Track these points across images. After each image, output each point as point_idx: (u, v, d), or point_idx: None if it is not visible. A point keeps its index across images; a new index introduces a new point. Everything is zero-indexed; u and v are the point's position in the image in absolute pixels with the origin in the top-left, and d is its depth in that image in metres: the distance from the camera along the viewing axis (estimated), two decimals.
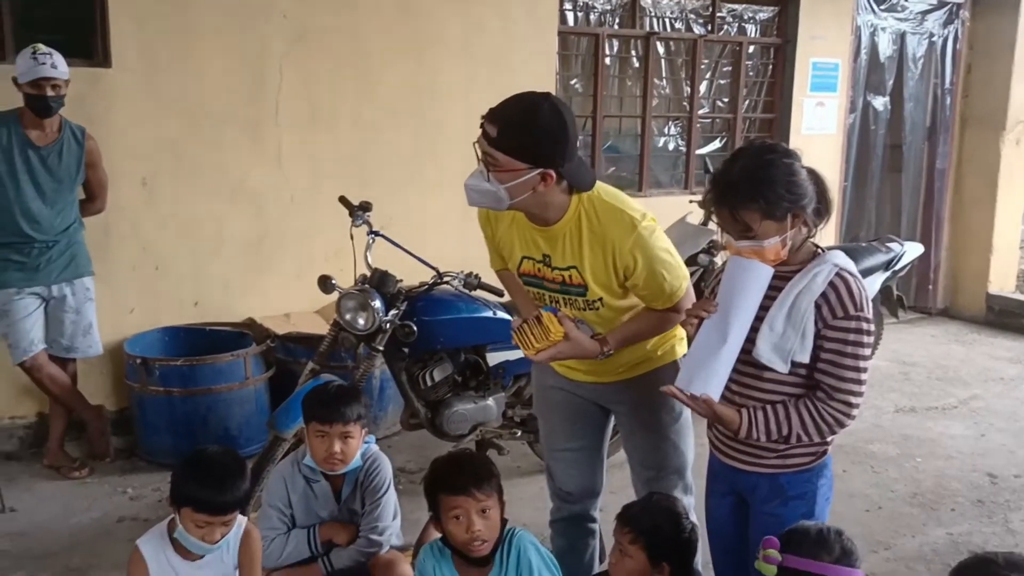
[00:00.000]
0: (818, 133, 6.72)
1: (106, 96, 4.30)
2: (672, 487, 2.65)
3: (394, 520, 2.96)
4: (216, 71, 4.55)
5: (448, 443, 3.97)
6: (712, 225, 4.68)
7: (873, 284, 5.18)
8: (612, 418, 2.77)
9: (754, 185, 2.01)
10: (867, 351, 2.05)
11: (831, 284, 2.03)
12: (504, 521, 2.49)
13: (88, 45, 4.31)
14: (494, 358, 3.88)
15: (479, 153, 2.23)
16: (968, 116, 7.38)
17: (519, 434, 4.04)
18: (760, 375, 2.10)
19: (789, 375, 2.08)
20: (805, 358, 2.04)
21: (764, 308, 2.07)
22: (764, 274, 2.05)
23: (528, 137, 2.16)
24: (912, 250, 5.42)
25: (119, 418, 4.47)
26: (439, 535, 2.60)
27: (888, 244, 5.34)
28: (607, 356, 2.39)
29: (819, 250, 2.14)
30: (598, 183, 2.38)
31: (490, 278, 3.70)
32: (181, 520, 2.33)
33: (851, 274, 2.07)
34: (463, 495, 2.34)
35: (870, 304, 2.07)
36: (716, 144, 6.57)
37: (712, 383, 2.08)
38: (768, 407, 2.09)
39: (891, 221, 7.33)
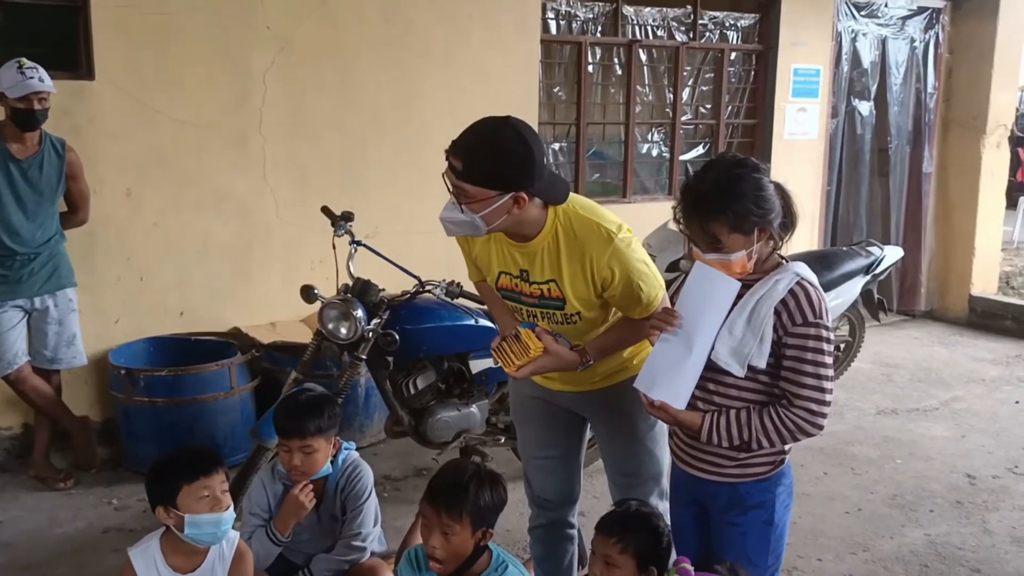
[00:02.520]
0: (800, 139, 6.78)
1: (90, 108, 4.33)
2: (649, 493, 2.68)
3: (375, 527, 3.00)
4: (200, 82, 4.58)
5: (432, 451, 4.01)
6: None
7: (854, 288, 5.23)
8: (588, 426, 2.80)
9: (724, 199, 2.04)
10: (827, 359, 2.08)
11: (791, 292, 2.07)
12: (483, 549, 2.43)
13: (71, 58, 4.33)
14: (477, 365, 3.91)
15: (449, 186, 2.24)
16: (950, 120, 7.45)
17: (503, 440, 4.07)
18: (723, 380, 2.14)
19: (750, 381, 2.12)
20: (762, 363, 2.08)
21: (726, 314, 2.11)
22: (731, 287, 2.08)
23: (494, 165, 2.17)
24: (892, 254, 5.47)
25: (104, 428, 4.49)
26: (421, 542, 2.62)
27: (868, 248, 5.38)
28: (588, 367, 2.42)
29: (783, 260, 2.18)
30: (573, 196, 2.40)
31: (472, 287, 3.76)
32: (181, 510, 2.35)
33: (811, 284, 2.11)
34: (432, 509, 2.33)
35: (829, 314, 2.11)
36: (699, 150, 6.62)
37: (678, 394, 2.12)
38: (731, 412, 2.13)
39: (879, 225, 7.38)
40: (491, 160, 2.17)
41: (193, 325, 4.72)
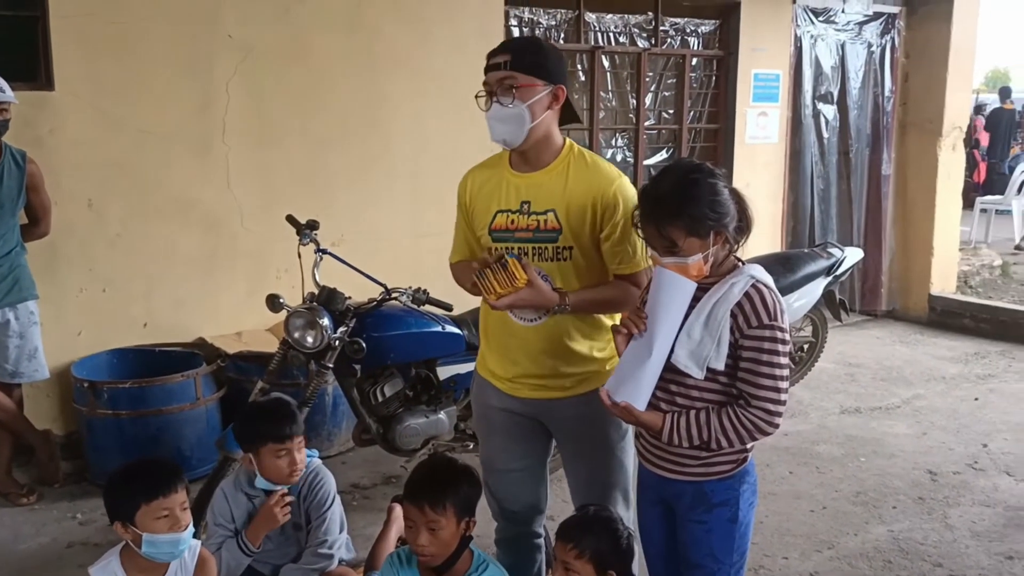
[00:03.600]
0: (761, 142, 6.87)
1: (50, 119, 4.28)
2: (615, 502, 2.68)
3: (341, 533, 2.99)
4: (162, 91, 4.55)
5: (400, 458, 4.02)
6: None
7: (816, 289, 5.31)
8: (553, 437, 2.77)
9: (680, 203, 2.08)
10: (783, 359, 2.12)
11: (746, 295, 2.11)
12: (469, 539, 2.50)
13: (30, 68, 4.28)
14: (445, 372, 3.92)
15: (492, 89, 2.40)
16: (907, 123, 7.59)
17: (471, 447, 4.07)
18: (684, 382, 2.18)
19: (710, 382, 2.16)
20: (720, 365, 2.12)
21: (684, 316, 2.15)
22: (688, 289, 2.12)
23: (539, 55, 2.42)
24: (852, 255, 5.56)
25: (68, 442, 4.43)
26: (399, 546, 2.63)
27: (829, 250, 5.47)
28: (564, 310, 2.42)
29: (739, 263, 2.22)
30: None
31: (439, 292, 3.77)
32: (140, 528, 2.33)
33: (766, 286, 2.15)
34: (415, 507, 2.38)
35: (784, 315, 2.15)
36: (663, 155, 6.69)
37: (638, 395, 2.16)
38: (691, 412, 2.16)
39: (843, 226, 7.50)
40: (536, 50, 2.44)
41: (158, 336, 4.68)
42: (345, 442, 4.63)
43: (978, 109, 15.97)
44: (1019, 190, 10.97)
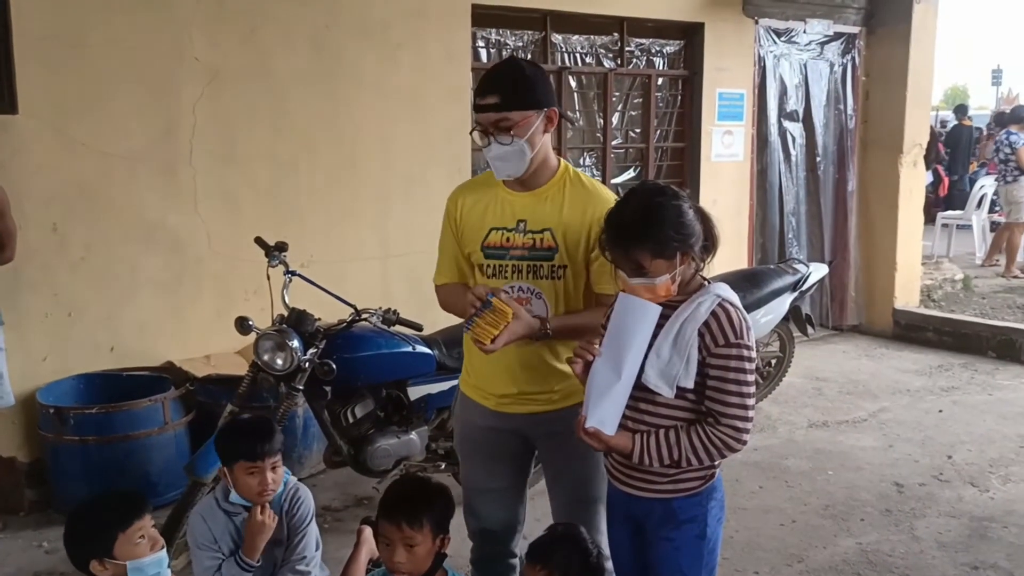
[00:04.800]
0: (727, 160, 6.96)
1: (12, 142, 4.23)
2: (598, 516, 2.69)
3: (317, 551, 3.00)
4: (127, 114, 4.52)
5: (372, 479, 4.00)
6: None
7: (782, 305, 5.38)
8: (535, 453, 2.79)
9: (645, 227, 2.12)
10: (749, 377, 2.15)
11: (713, 314, 2.15)
12: (443, 556, 2.52)
13: None
14: (415, 392, 3.93)
15: (487, 129, 2.41)
16: (868, 140, 7.74)
17: (443, 467, 4.08)
18: (654, 400, 2.20)
19: (680, 399, 2.18)
20: (689, 383, 2.15)
21: (653, 336, 2.18)
22: (652, 312, 2.15)
23: (525, 86, 2.41)
24: (817, 271, 5.65)
25: (32, 469, 4.35)
26: (370, 568, 2.64)
27: (794, 266, 5.55)
28: (547, 336, 2.44)
29: (705, 282, 2.25)
30: None
31: (409, 312, 3.78)
32: (121, 558, 2.30)
33: (733, 305, 2.19)
34: (391, 525, 2.40)
35: (751, 333, 2.18)
36: (631, 173, 6.75)
37: (608, 419, 2.18)
38: (660, 432, 2.19)
39: (811, 243, 7.61)
40: (524, 84, 2.41)
41: (125, 360, 4.63)
42: (316, 464, 4.61)
43: (942, 124, 16.32)
44: (978, 205, 11.18)
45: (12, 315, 4.18)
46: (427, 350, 3.87)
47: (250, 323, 3.54)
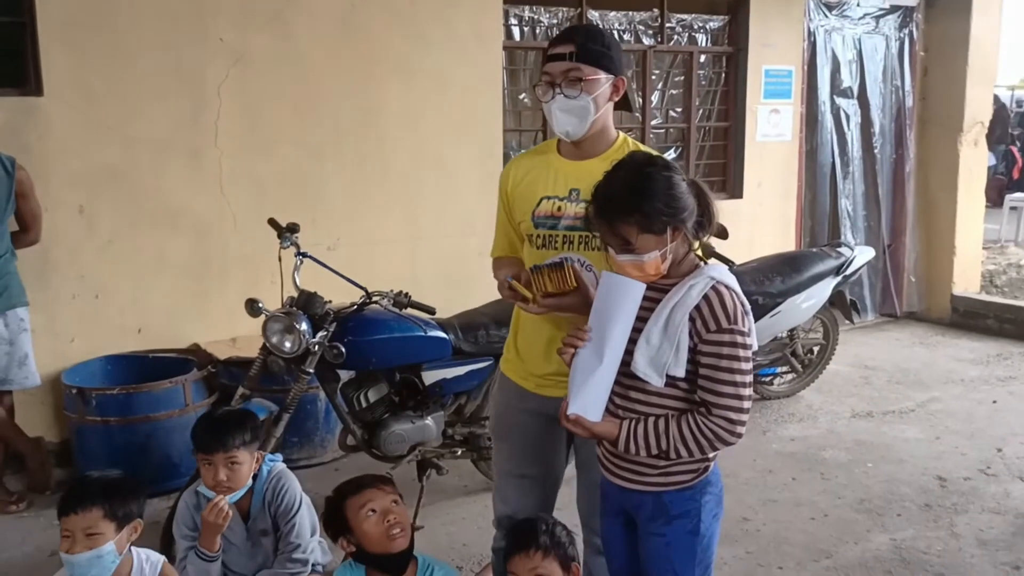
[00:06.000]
0: (773, 140, 6.72)
1: (39, 125, 4.28)
2: None
3: (312, 537, 2.95)
4: (153, 97, 4.53)
5: (386, 464, 3.94)
6: None
7: (824, 289, 5.17)
8: (573, 444, 2.68)
9: (631, 199, 1.99)
10: (744, 365, 2.00)
11: (705, 297, 2.00)
12: (411, 548, 2.53)
13: (18, 74, 4.29)
14: (430, 376, 3.84)
15: (554, 80, 2.36)
16: (927, 119, 7.40)
17: (459, 453, 4.00)
18: (645, 389, 2.08)
19: (672, 388, 2.05)
20: (680, 372, 2.01)
21: (643, 320, 2.05)
22: (636, 290, 2.02)
23: (602, 46, 2.37)
24: (862, 254, 5.40)
25: (61, 449, 4.43)
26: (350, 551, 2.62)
27: (838, 249, 5.32)
28: None
29: (700, 263, 2.11)
30: None
31: (434, 296, 3.71)
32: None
33: (727, 287, 2.03)
34: (371, 488, 2.51)
35: (746, 318, 2.03)
36: (671, 154, 6.55)
37: (592, 405, 2.06)
38: (648, 420, 2.06)
39: (868, 226, 7.30)
40: (601, 42, 2.38)
41: (152, 342, 4.67)
42: (338, 449, 4.57)
43: (1019, 104, 15.62)
44: None
45: (40, 297, 4.24)
46: (441, 334, 3.79)
47: (259, 305, 3.50)
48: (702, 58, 6.50)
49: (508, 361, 2.67)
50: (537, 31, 5.80)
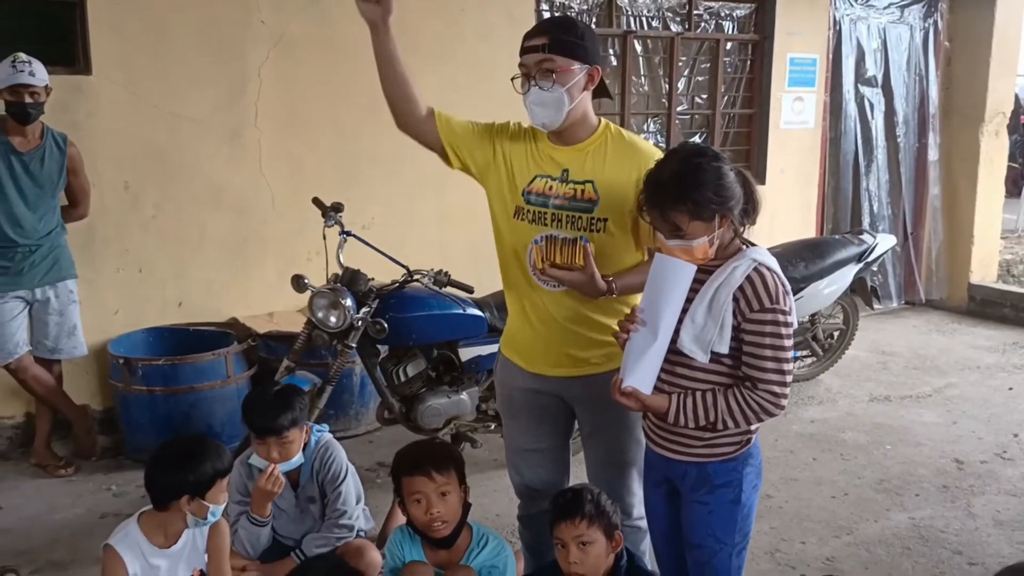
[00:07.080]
0: (797, 128, 6.80)
1: (87, 103, 4.41)
2: (630, 478, 2.71)
3: (358, 504, 3.09)
4: (195, 77, 4.65)
5: (422, 437, 4.08)
6: None
7: (846, 276, 5.27)
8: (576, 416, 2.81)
9: (683, 188, 2.10)
10: (786, 343, 2.13)
11: (748, 278, 2.12)
12: (468, 506, 2.62)
13: (68, 53, 4.41)
14: (466, 353, 3.98)
15: (529, 72, 2.42)
16: (949, 108, 7.45)
17: (492, 427, 4.13)
18: (691, 364, 2.20)
19: (716, 364, 2.17)
20: (724, 349, 2.14)
21: (689, 300, 2.17)
22: (687, 272, 2.14)
23: (576, 36, 2.43)
24: (884, 242, 5.50)
25: (106, 417, 4.58)
26: (405, 519, 2.74)
27: (860, 236, 5.42)
28: (611, 295, 2.46)
29: (744, 246, 2.23)
30: None
31: (466, 275, 3.83)
32: (209, 502, 2.50)
33: (769, 269, 2.15)
34: (422, 476, 2.54)
35: (787, 298, 2.15)
36: (696, 140, 6.63)
37: (644, 380, 2.18)
38: (696, 393, 2.18)
39: (892, 214, 7.35)
40: (573, 32, 2.44)
41: (192, 316, 4.81)
42: (373, 421, 4.70)
43: None
44: None
45: (87, 270, 4.38)
46: (478, 312, 3.92)
47: (305, 281, 3.64)
48: (728, 46, 6.57)
49: (505, 343, 2.78)
50: None
